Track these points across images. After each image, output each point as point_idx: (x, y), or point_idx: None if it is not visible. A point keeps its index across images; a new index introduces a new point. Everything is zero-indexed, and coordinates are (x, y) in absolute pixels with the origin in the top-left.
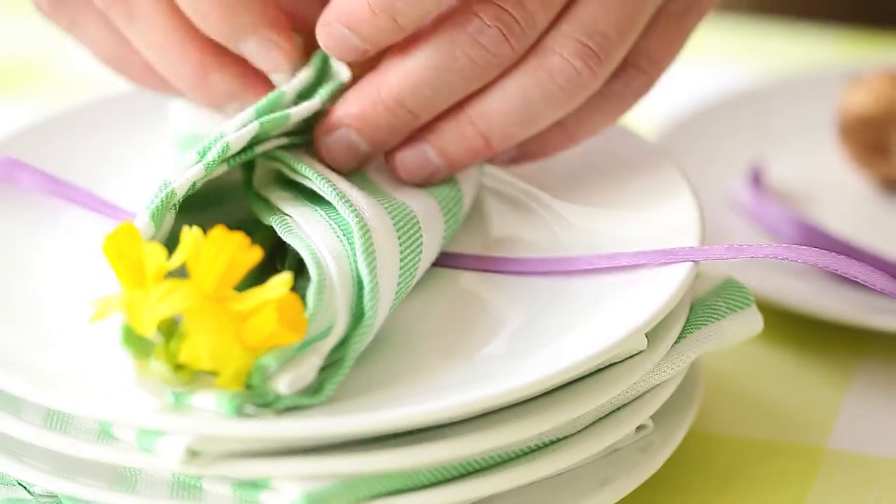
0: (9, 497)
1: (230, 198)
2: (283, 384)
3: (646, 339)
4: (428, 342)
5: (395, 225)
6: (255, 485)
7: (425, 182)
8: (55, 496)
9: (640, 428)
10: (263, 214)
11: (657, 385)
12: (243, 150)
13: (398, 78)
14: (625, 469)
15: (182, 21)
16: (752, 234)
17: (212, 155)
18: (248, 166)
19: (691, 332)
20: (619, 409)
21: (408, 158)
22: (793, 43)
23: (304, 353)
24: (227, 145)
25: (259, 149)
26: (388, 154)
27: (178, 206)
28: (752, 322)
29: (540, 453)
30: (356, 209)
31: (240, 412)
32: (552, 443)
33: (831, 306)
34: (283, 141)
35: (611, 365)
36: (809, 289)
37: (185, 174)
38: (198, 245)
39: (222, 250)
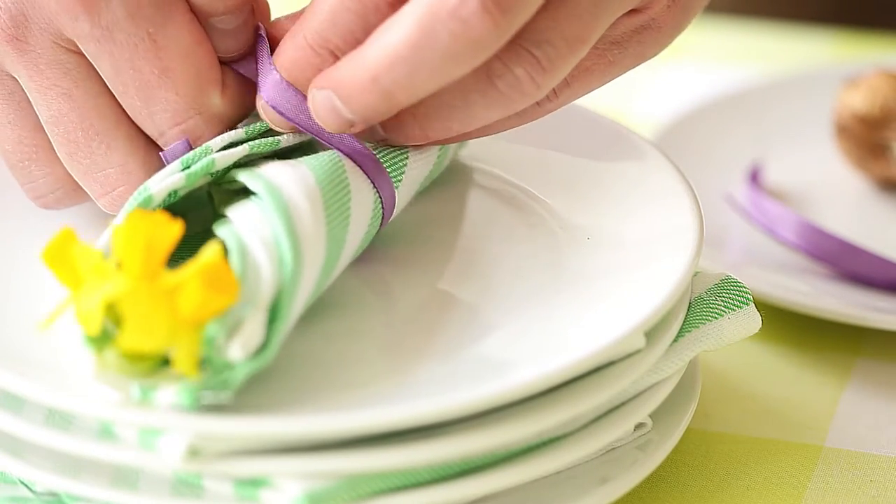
0: (11, 495)
1: (202, 204)
2: (236, 349)
3: (644, 338)
4: (426, 342)
5: (314, 173)
6: (256, 482)
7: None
8: (57, 494)
9: (638, 426)
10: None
11: (656, 383)
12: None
13: (376, 54)
14: (623, 467)
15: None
16: (750, 234)
17: (196, 167)
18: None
19: (689, 331)
20: (617, 407)
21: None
22: (790, 44)
23: (247, 314)
24: (213, 161)
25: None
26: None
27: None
28: (750, 321)
29: (539, 451)
30: (262, 176)
31: (198, 402)
32: (551, 441)
33: (829, 305)
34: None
35: (609, 363)
36: (807, 287)
37: (165, 181)
38: (121, 231)
39: (139, 229)
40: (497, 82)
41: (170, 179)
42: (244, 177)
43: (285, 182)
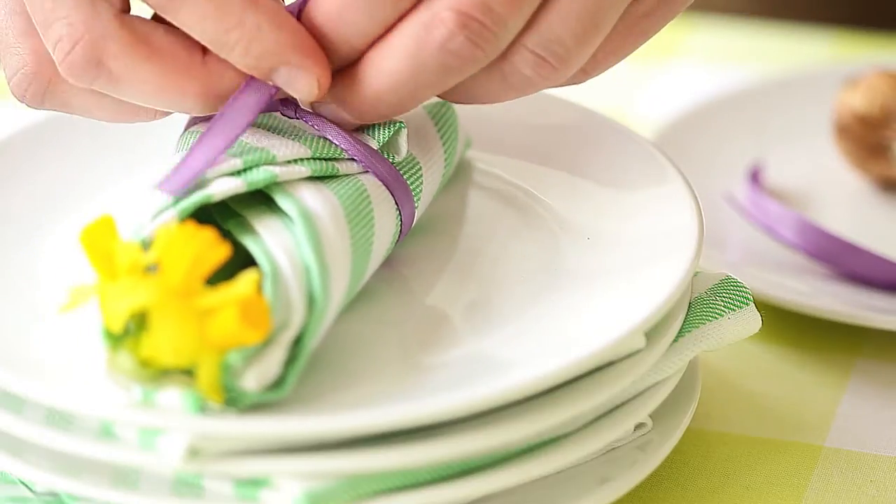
0: (11, 495)
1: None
2: (251, 380)
3: (644, 338)
4: (426, 341)
5: (343, 205)
6: (256, 482)
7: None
8: (57, 494)
9: (638, 426)
10: (223, 219)
11: (656, 384)
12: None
13: (376, 80)
14: (624, 467)
15: (163, 60)
16: (750, 234)
17: (258, 178)
18: None
19: (690, 331)
20: (617, 407)
21: None
22: (790, 44)
23: (268, 348)
24: (276, 176)
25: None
26: None
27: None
28: (751, 321)
29: (539, 451)
30: (296, 199)
31: (203, 410)
32: (551, 441)
33: (829, 305)
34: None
35: (610, 363)
36: (807, 287)
37: (226, 183)
38: (170, 240)
39: (189, 245)
40: (510, 79)
41: (231, 184)
42: (276, 194)
43: (317, 209)
